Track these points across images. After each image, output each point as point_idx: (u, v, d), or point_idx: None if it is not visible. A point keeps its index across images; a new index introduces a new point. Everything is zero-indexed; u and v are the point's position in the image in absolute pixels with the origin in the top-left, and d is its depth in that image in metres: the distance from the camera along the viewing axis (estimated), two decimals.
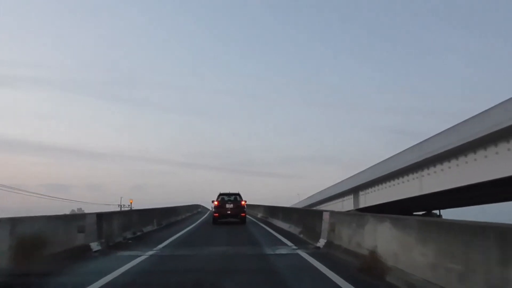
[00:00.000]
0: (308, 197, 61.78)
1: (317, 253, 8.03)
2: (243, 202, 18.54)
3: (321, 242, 8.98)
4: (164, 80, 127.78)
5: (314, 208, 48.05)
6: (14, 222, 6.28)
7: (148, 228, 13.91)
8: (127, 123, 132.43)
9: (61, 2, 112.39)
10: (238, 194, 19.32)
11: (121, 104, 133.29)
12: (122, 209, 58.90)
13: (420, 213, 37.35)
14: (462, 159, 24.51)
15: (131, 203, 63.31)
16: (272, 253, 8.37)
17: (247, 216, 19.47)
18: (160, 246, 9.53)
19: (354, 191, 42.26)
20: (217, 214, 17.98)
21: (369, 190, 38.96)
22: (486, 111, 21.41)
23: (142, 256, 7.73)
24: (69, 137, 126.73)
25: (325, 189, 52.27)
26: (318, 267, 6.39)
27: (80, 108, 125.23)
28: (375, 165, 36.87)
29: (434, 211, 38.69)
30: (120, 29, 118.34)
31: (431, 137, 27.34)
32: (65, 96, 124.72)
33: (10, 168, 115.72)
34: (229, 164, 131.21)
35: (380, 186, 36.47)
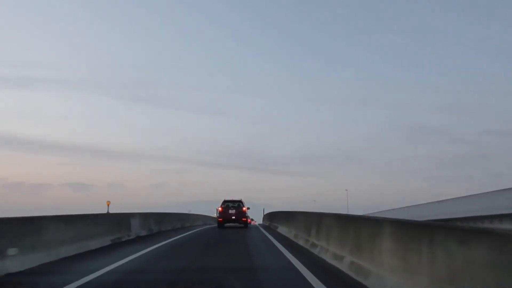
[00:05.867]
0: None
1: None
2: (244, 208, 20.25)
3: None
4: (182, 81, 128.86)
5: None
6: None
7: None
8: (146, 123, 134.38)
9: (82, 7, 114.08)
10: (241, 201, 20.82)
11: (141, 104, 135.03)
12: None
13: None
14: None
15: None
16: None
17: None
18: None
19: None
20: (221, 219, 19.82)
21: None
22: None
23: None
24: (90, 138, 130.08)
25: None
26: None
27: (101, 109, 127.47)
28: None
29: None
30: (136, 30, 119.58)
31: None
32: (86, 97, 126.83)
33: (35, 167, 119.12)
34: (250, 163, 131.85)
35: None
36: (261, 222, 34.87)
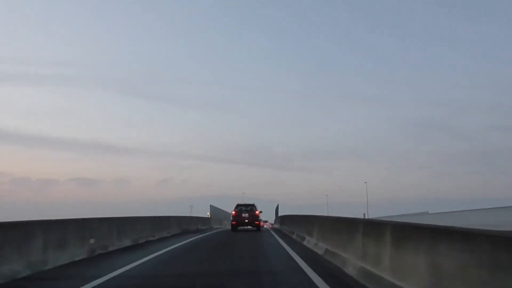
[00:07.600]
0: None
1: None
2: (257, 212, 20.84)
3: None
4: (187, 76, 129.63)
5: None
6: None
7: None
8: (151, 118, 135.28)
9: (83, 5, 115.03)
10: (253, 205, 21.36)
11: (146, 100, 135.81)
12: None
13: None
14: None
15: None
16: None
17: None
18: None
19: None
20: (234, 222, 20.30)
21: None
22: None
23: None
24: (96, 133, 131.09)
25: None
26: None
27: (106, 105, 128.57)
28: None
29: None
30: (140, 24, 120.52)
31: None
32: (88, 92, 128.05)
33: (40, 163, 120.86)
34: (256, 159, 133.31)
35: None
36: (273, 222, 32.84)
